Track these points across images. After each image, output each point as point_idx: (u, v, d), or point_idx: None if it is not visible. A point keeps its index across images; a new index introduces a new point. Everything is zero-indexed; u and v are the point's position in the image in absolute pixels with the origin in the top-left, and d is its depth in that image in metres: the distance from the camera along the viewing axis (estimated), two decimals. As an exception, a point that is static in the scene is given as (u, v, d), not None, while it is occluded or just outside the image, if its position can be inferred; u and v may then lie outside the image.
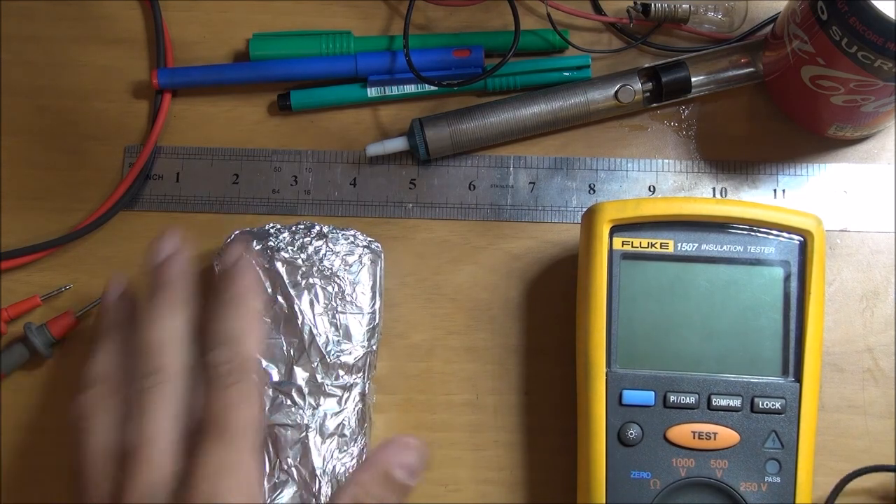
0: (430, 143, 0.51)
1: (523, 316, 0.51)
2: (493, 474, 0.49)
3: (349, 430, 0.46)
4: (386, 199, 0.53)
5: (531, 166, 0.53)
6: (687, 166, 0.53)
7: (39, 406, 0.50)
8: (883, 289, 0.51)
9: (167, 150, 0.54)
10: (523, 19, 0.53)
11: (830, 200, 0.52)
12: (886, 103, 0.47)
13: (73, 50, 0.56)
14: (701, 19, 0.55)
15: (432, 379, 0.50)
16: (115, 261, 0.52)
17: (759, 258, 0.45)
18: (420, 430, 0.50)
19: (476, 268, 0.52)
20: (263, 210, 0.53)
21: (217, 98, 0.55)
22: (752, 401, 0.44)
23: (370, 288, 0.48)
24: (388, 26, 0.56)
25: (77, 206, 0.53)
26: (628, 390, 0.44)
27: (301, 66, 0.54)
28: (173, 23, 0.56)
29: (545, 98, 0.52)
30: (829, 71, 0.46)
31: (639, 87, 0.52)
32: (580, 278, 0.47)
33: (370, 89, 0.54)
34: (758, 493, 0.43)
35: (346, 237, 0.49)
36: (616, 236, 0.45)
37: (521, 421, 0.50)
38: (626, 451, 0.44)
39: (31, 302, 0.51)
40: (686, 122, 0.54)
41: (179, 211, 0.53)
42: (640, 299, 0.45)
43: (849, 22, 0.43)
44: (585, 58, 0.54)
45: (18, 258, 0.51)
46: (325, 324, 0.47)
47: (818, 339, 0.45)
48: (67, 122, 0.55)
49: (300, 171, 0.54)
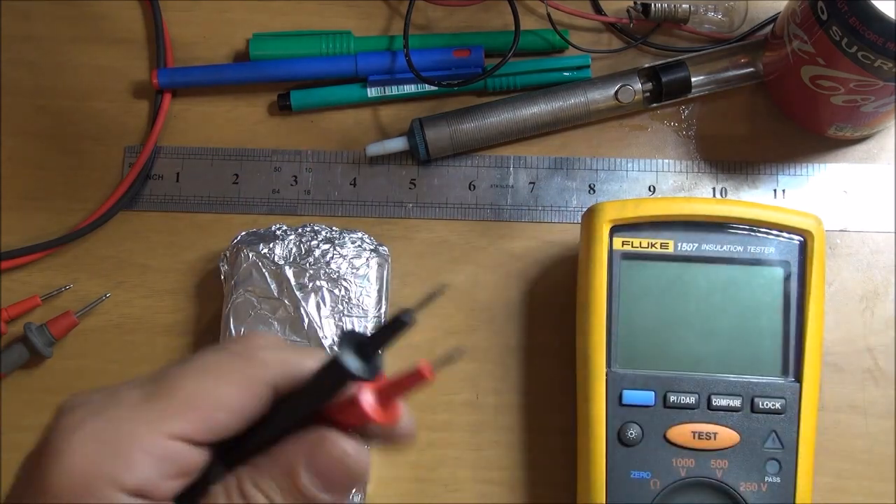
0: (430, 143, 0.51)
1: (523, 316, 0.51)
2: (493, 474, 0.49)
3: None
4: (386, 199, 0.53)
5: (531, 166, 0.53)
6: (687, 166, 0.53)
7: (39, 406, 0.50)
8: (883, 289, 0.51)
9: (167, 150, 0.54)
10: (523, 19, 0.53)
11: (830, 200, 0.52)
12: (886, 103, 0.47)
13: (72, 50, 0.56)
14: (701, 19, 0.55)
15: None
16: (115, 261, 0.52)
17: (759, 258, 0.45)
18: (420, 430, 0.49)
19: (476, 268, 0.52)
20: (263, 210, 0.53)
21: (217, 98, 0.55)
22: (752, 401, 0.44)
23: (376, 291, 0.48)
24: (388, 26, 0.56)
25: (77, 206, 0.53)
26: (628, 390, 0.44)
27: (301, 66, 0.54)
28: (173, 23, 0.56)
29: (545, 98, 0.52)
30: (829, 71, 0.46)
31: (639, 87, 0.52)
32: (580, 278, 0.47)
33: (370, 89, 0.54)
34: (758, 493, 0.43)
35: (353, 240, 0.49)
36: (616, 236, 0.45)
37: (521, 421, 0.50)
38: (626, 451, 0.44)
39: (31, 302, 0.51)
40: (686, 122, 0.54)
41: (179, 211, 0.53)
42: (640, 299, 0.45)
43: (849, 22, 0.43)
44: (585, 58, 0.54)
45: (18, 258, 0.51)
46: (331, 326, 0.47)
47: (818, 339, 0.45)
48: (67, 122, 0.55)
49: (300, 171, 0.53)
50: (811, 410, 0.44)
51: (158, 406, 0.28)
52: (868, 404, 0.49)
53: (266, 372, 0.29)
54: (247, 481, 0.29)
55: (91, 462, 0.27)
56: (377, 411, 0.28)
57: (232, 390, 0.29)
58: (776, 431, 0.44)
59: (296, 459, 0.28)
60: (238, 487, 0.29)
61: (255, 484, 0.28)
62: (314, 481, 0.28)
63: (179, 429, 0.28)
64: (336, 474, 0.29)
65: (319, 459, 0.28)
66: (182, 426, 0.28)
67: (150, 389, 0.28)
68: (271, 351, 0.30)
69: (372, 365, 0.28)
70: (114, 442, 0.27)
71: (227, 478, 0.29)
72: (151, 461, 0.27)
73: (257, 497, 0.28)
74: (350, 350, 0.27)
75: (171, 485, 0.28)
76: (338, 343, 0.28)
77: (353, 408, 0.28)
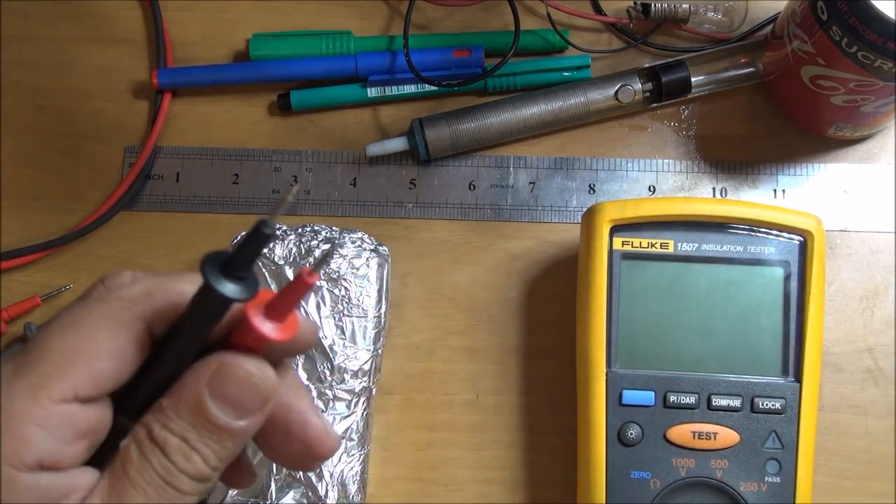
0: (430, 143, 0.51)
1: (523, 316, 0.51)
2: (493, 474, 0.49)
3: (357, 433, 0.46)
4: (386, 199, 0.53)
5: (531, 166, 0.53)
6: (687, 166, 0.53)
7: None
8: (883, 289, 0.51)
9: (167, 150, 0.54)
10: (523, 19, 0.53)
11: (830, 200, 0.52)
12: (886, 103, 0.47)
13: (72, 50, 0.56)
14: (701, 19, 0.55)
15: (432, 379, 0.50)
16: (115, 261, 0.52)
17: (759, 258, 0.45)
18: (420, 431, 0.50)
19: (476, 268, 0.52)
20: (263, 210, 0.53)
21: (217, 98, 0.55)
22: (752, 401, 0.44)
23: (376, 291, 0.48)
24: (388, 26, 0.56)
25: (77, 206, 0.53)
26: (628, 390, 0.44)
27: (301, 66, 0.54)
28: (173, 23, 0.56)
29: (545, 98, 0.52)
30: (829, 71, 0.46)
31: (639, 87, 0.52)
32: (580, 278, 0.47)
33: (370, 89, 0.54)
34: (758, 493, 0.43)
35: (353, 240, 0.49)
36: (616, 236, 0.45)
37: (521, 421, 0.50)
38: (626, 451, 0.44)
39: (31, 302, 0.51)
40: (686, 122, 0.54)
41: (179, 211, 0.53)
42: (640, 299, 0.45)
43: (849, 22, 0.43)
44: (585, 58, 0.54)
45: (18, 258, 0.51)
46: (331, 327, 0.47)
47: (818, 339, 0.45)
48: (67, 122, 0.55)
49: (300, 171, 0.53)
50: (811, 410, 0.44)
51: (33, 374, 0.26)
52: (868, 404, 0.49)
53: (132, 308, 0.28)
54: (155, 426, 0.27)
55: None
56: (273, 329, 0.27)
57: (103, 335, 0.27)
58: (776, 431, 0.44)
59: (199, 391, 0.27)
60: (148, 436, 0.27)
61: (164, 426, 0.27)
62: (224, 408, 0.27)
63: (62, 390, 0.26)
64: (244, 397, 0.27)
65: (224, 385, 0.27)
66: (63, 387, 0.26)
67: (21, 360, 0.27)
68: (132, 286, 0.28)
69: (247, 284, 0.26)
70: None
71: (135, 429, 0.27)
72: (44, 431, 0.26)
73: (170, 439, 0.27)
74: (217, 273, 0.25)
75: (75, 449, 0.27)
76: (201, 269, 0.25)
77: (249, 331, 0.27)
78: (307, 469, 0.43)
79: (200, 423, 0.27)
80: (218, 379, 0.27)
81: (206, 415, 0.27)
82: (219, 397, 0.27)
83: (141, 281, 0.29)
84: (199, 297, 0.26)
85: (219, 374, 0.27)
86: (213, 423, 0.27)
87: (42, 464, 0.26)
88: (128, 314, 0.28)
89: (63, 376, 0.26)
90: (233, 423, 0.27)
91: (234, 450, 0.28)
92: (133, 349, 0.28)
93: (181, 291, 0.28)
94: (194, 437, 0.27)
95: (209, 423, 0.27)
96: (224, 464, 0.28)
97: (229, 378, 0.27)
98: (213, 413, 0.27)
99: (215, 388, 0.27)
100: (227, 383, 0.27)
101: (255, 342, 0.27)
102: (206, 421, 0.27)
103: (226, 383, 0.27)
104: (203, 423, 0.27)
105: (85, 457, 0.27)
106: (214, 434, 0.27)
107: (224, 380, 0.27)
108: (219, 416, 0.27)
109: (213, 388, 0.27)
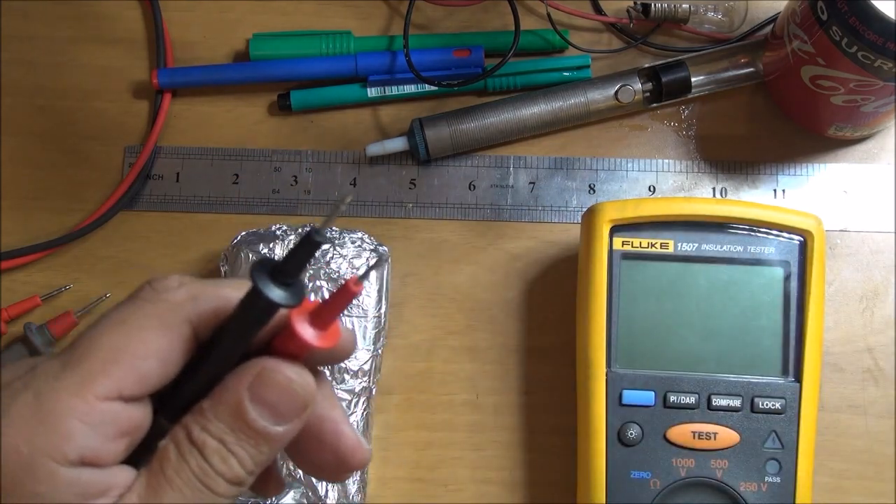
0: (430, 143, 0.51)
1: (523, 316, 0.51)
2: (493, 474, 0.49)
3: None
4: (386, 199, 0.53)
5: (531, 166, 0.53)
6: (687, 166, 0.53)
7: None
8: (883, 289, 0.51)
9: (167, 150, 0.54)
10: (523, 19, 0.53)
11: (830, 200, 0.52)
12: (886, 103, 0.47)
13: (72, 50, 0.56)
14: (701, 19, 0.55)
15: (432, 379, 0.50)
16: (115, 261, 0.52)
17: (759, 258, 0.45)
18: (420, 430, 0.50)
19: (476, 268, 0.52)
20: (263, 210, 0.53)
21: (217, 98, 0.55)
22: (752, 401, 0.44)
23: (376, 291, 0.48)
24: (388, 26, 0.56)
25: (77, 206, 0.53)
26: (628, 390, 0.44)
27: (301, 66, 0.54)
28: (173, 23, 0.56)
29: (545, 98, 0.52)
30: (829, 71, 0.46)
31: (639, 87, 0.52)
32: (580, 278, 0.47)
33: (370, 89, 0.54)
34: (758, 493, 0.43)
35: (352, 240, 0.49)
36: (616, 236, 0.45)
37: (521, 421, 0.50)
38: (625, 451, 0.44)
39: (31, 302, 0.51)
40: (686, 122, 0.54)
41: (179, 211, 0.53)
42: (640, 299, 0.45)
43: (849, 22, 0.43)
44: (585, 58, 0.54)
45: (18, 258, 0.51)
46: None
47: (818, 339, 0.45)
48: (67, 122, 0.55)
49: (300, 171, 0.53)
50: (811, 410, 0.44)
51: (80, 370, 0.27)
52: (868, 404, 0.49)
53: (179, 310, 0.28)
54: (194, 428, 0.27)
55: (26, 441, 0.26)
56: (316, 337, 0.27)
57: (149, 335, 0.28)
58: (776, 431, 0.44)
59: (240, 395, 0.27)
60: (187, 437, 0.27)
61: (203, 428, 0.27)
62: (263, 413, 0.27)
63: (107, 388, 0.27)
64: (283, 402, 0.28)
65: (264, 390, 0.27)
66: (108, 384, 0.27)
67: (68, 356, 0.27)
68: (179, 289, 0.29)
69: (294, 290, 0.26)
70: (44, 417, 0.26)
71: (174, 430, 0.28)
72: (87, 427, 0.26)
73: (209, 441, 0.27)
74: (266, 278, 0.26)
75: (115, 447, 0.27)
76: (251, 274, 0.26)
77: (292, 338, 0.27)
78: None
79: (239, 426, 0.27)
80: (259, 383, 0.27)
81: (245, 419, 0.27)
82: (259, 402, 0.27)
83: (188, 285, 0.29)
84: (247, 300, 0.27)
85: (260, 379, 0.27)
86: (251, 427, 0.27)
87: (83, 459, 0.26)
88: (174, 316, 0.28)
89: (108, 374, 0.27)
90: (270, 428, 0.28)
91: (270, 455, 0.28)
92: (178, 351, 0.28)
93: (227, 296, 0.29)
94: (232, 440, 0.27)
95: (248, 427, 0.27)
96: (259, 469, 0.28)
97: (270, 383, 0.27)
98: (252, 417, 0.27)
99: (255, 393, 0.27)
100: (268, 388, 0.27)
101: (298, 349, 0.28)
102: (244, 425, 0.27)
103: (266, 388, 0.27)
104: (242, 427, 0.27)
105: (124, 455, 0.28)
106: (252, 438, 0.28)
107: (265, 385, 0.27)
108: (257, 420, 0.27)
109: (254, 392, 0.27)
